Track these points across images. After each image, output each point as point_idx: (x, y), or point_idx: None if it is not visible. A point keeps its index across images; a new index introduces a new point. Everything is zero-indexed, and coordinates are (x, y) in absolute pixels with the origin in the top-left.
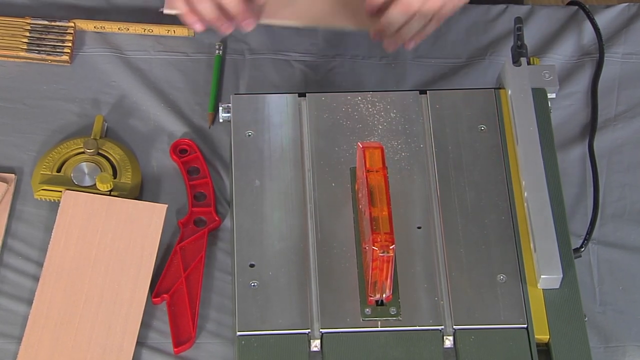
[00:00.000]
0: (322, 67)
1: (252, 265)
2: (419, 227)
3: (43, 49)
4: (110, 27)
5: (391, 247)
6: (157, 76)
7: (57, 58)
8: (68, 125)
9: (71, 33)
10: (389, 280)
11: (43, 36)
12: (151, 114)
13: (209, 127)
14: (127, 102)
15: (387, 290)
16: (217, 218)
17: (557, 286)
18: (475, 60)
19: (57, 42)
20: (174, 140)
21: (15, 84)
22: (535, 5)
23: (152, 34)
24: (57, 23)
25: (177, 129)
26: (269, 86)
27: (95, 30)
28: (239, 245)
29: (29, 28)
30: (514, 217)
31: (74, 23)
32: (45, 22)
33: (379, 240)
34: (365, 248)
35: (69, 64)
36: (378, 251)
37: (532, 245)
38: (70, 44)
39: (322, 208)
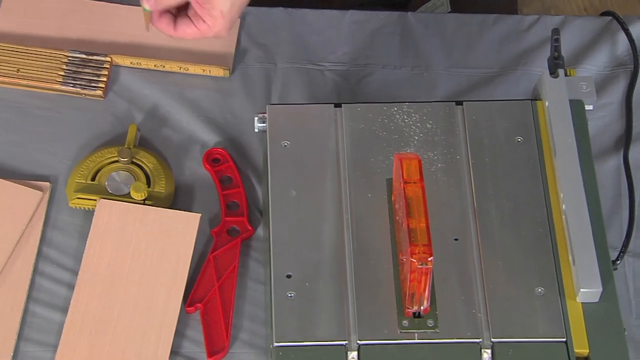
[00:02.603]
0: (354, 77)
1: (289, 276)
2: (456, 239)
3: (78, 82)
4: (147, 63)
5: (429, 259)
6: (189, 85)
7: (91, 92)
8: (102, 134)
9: (107, 68)
10: (427, 292)
11: (79, 69)
12: (184, 123)
13: (147, 30)
14: (160, 111)
15: (425, 302)
16: (250, 227)
17: (597, 300)
18: (508, 70)
19: (92, 76)
20: (206, 149)
21: (52, 93)
22: (568, 16)
23: (187, 72)
24: (95, 57)
25: (210, 138)
26: (300, 95)
27: (132, 65)
28: (275, 256)
29: (67, 61)
30: (551, 229)
31: (111, 58)
32: (83, 56)
33: (417, 252)
34: (403, 260)
35: (102, 99)
36: (416, 263)
37: (570, 258)
38: (105, 79)
39: (358, 219)
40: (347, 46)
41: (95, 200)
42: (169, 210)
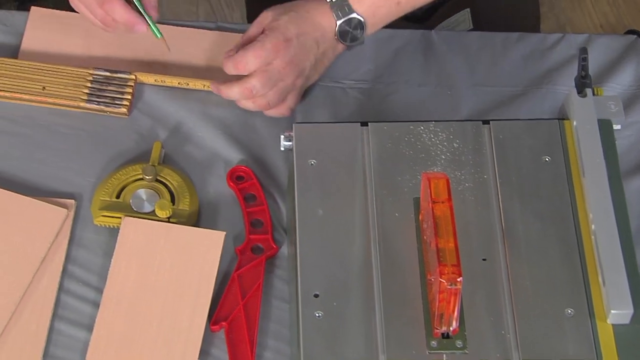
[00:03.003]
0: (377, 94)
1: (316, 296)
2: (484, 259)
3: (103, 100)
4: (171, 81)
5: (458, 280)
6: (213, 102)
7: (116, 110)
8: (126, 152)
9: (131, 85)
10: (455, 312)
11: (104, 87)
12: (208, 141)
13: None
14: (184, 128)
15: (454, 323)
16: (274, 246)
17: (628, 322)
18: (533, 88)
19: (116, 93)
20: (230, 167)
21: (76, 111)
22: (592, 34)
23: (210, 89)
24: (119, 75)
25: (234, 155)
26: (323, 113)
27: (156, 83)
28: (303, 276)
29: (91, 79)
30: (581, 250)
31: (135, 75)
32: (107, 74)
33: (446, 272)
34: (431, 280)
35: (126, 117)
36: (445, 283)
37: (600, 278)
38: (129, 96)
39: (386, 238)
40: (370, 64)
41: (120, 218)
42: (194, 228)
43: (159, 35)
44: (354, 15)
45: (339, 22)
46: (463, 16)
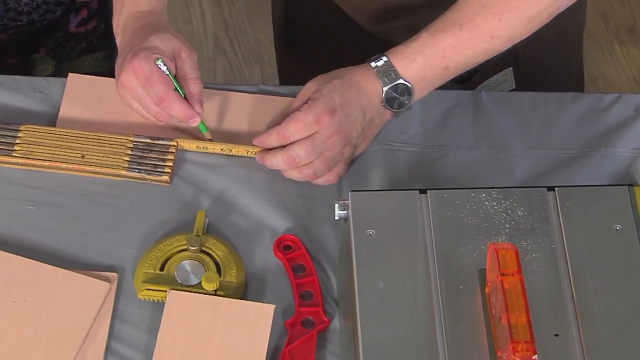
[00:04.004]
0: (427, 158)
1: None
2: (556, 335)
3: (144, 167)
4: (213, 147)
5: (533, 357)
6: (257, 168)
7: (157, 178)
8: (169, 221)
9: (173, 152)
10: None
11: (145, 154)
12: (252, 209)
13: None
14: (227, 196)
15: None
16: (325, 319)
17: None
18: (590, 151)
19: (158, 161)
20: (277, 236)
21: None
22: None
23: (254, 156)
24: (160, 141)
25: (280, 223)
26: (372, 177)
27: (198, 150)
28: (365, 354)
29: (132, 146)
30: None
31: (177, 142)
32: (148, 140)
33: (519, 349)
34: (503, 357)
35: (168, 185)
36: None
37: None
38: (171, 164)
39: (451, 312)
40: (418, 126)
41: (164, 291)
42: (242, 301)
43: (204, 130)
44: (400, 81)
45: (385, 89)
46: (505, 75)
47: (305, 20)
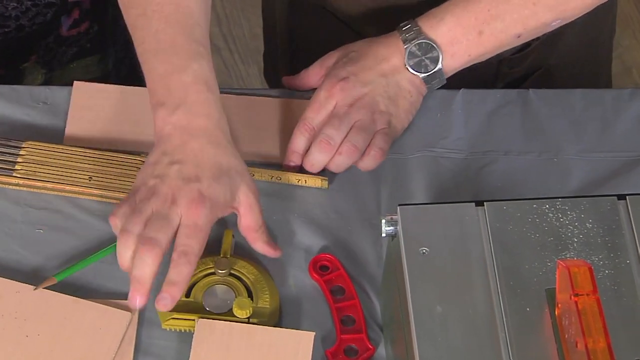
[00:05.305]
0: (473, 165)
1: None
2: None
3: None
4: None
5: None
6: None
7: None
8: None
9: None
10: None
11: None
12: (282, 225)
13: None
14: None
15: None
16: (370, 346)
17: None
18: None
19: None
20: (312, 256)
21: None
22: None
23: (279, 182)
24: None
25: (314, 242)
26: (414, 187)
27: None
28: None
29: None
30: None
31: None
32: None
33: None
34: None
35: None
36: None
37: None
38: None
39: (517, 337)
40: (461, 130)
41: (192, 320)
42: (279, 329)
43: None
44: (423, 39)
45: (406, 47)
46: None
47: (301, 30)
